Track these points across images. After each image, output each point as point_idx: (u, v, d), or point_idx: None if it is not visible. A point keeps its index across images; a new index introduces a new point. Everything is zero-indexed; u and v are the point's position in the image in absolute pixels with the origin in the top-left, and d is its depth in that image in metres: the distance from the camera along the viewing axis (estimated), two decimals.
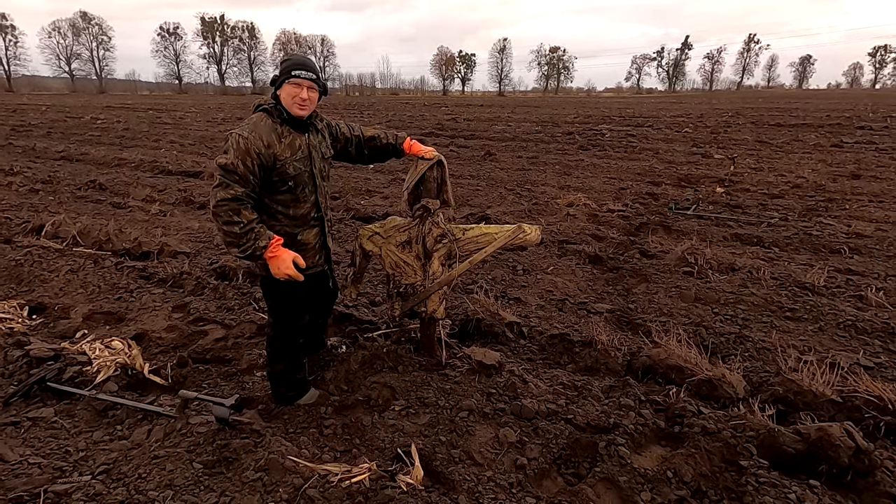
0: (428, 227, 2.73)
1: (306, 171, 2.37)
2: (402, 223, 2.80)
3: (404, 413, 2.56)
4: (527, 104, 39.10)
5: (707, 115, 22.57)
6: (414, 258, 2.78)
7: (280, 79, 2.28)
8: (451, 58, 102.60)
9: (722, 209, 6.88)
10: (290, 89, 2.25)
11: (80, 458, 2.27)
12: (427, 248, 2.74)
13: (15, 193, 7.73)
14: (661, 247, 5.18)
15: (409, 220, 2.77)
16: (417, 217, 2.74)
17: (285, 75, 2.25)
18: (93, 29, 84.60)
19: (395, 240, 2.79)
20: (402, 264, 2.80)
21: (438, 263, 2.75)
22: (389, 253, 2.81)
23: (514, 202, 7.25)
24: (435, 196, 2.74)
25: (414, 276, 2.79)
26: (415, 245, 2.76)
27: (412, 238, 2.76)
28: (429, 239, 2.73)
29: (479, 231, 2.77)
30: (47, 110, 27.74)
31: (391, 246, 2.80)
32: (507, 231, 2.71)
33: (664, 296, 4.02)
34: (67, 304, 3.84)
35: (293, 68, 2.24)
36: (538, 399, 2.57)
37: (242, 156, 2.14)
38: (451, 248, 2.75)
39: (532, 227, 2.72)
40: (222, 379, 2.96)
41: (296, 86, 2.25)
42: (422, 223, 2.73)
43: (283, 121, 2.30)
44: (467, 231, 2.77)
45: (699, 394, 2.67)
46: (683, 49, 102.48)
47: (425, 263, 2.77)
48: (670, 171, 9.71)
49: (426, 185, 2.72)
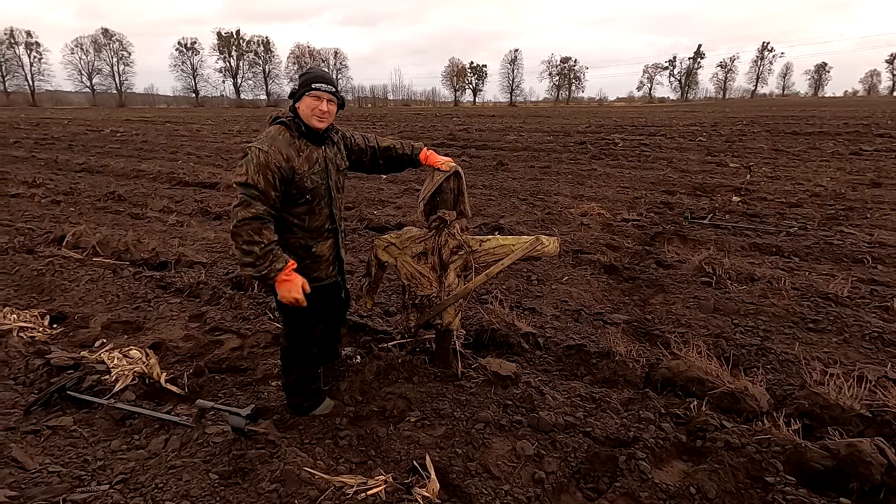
0: (444, 239, 2.71)
1: (323, 184, 2.38)
2: (417, 234, 2.78)
3: (420, 424, 2.54)
4: (538, 114, 39.17)
5: (721, 124, 22.39)
6: (430, 269, 2.77)
7: (300, 91, 2.29)
8: (462, 69, 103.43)
9: (739, 218, 6.79)
10: (309, 101, 2.27)
11: (98, 467, 2.28)
12: (443, 259, 2.72)
13: (37, 205, 7.91)
14: (677, 256, 5.12)
15: (425, 231, 2.76)
16: (433, 228, 2.72)
17: (305, 88, 2.27)
18: (113, 45, 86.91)
19: (411, 251, 2.77)
20: (417, 275, 2.79)
21: (454, 275, 2.74)
22: (405, 264, 2.80)
23: (528, 212, 7.23)
24: (451, 207, 2.72)
25: (430, 287, 2.77)
26: (431, 256, 2.75)
27: (428, 249, 2.75)
28: (445, 250, 2.72)
29: (496, 242, 2.74)
30: (69, 124, 28.43)
31: (407, 257, 2.79)
32: (525, 242, 2.69)
33: (682, 306, 3.96)
34: (87, 313, 3.90)
35: (313, 81, 2.26)
36: (555, 411, 2.53)
37: (263, 170, 2.14)
38: (468, 260, 2.73)
39: (550, 239, 2.69)
40: (238, 389, 2.96)
41: (315, 98, 2.27)
42: (438, 234, 2.72)
43: (300, 134, 2.31)
44: (484, 242, 2.75)
45: (721, 407, 2.61)
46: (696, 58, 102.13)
47: (441, 275, 2.75)
48: (685, 179, 9.62)
49: (442, 195, 2.70)
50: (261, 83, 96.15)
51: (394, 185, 9.40)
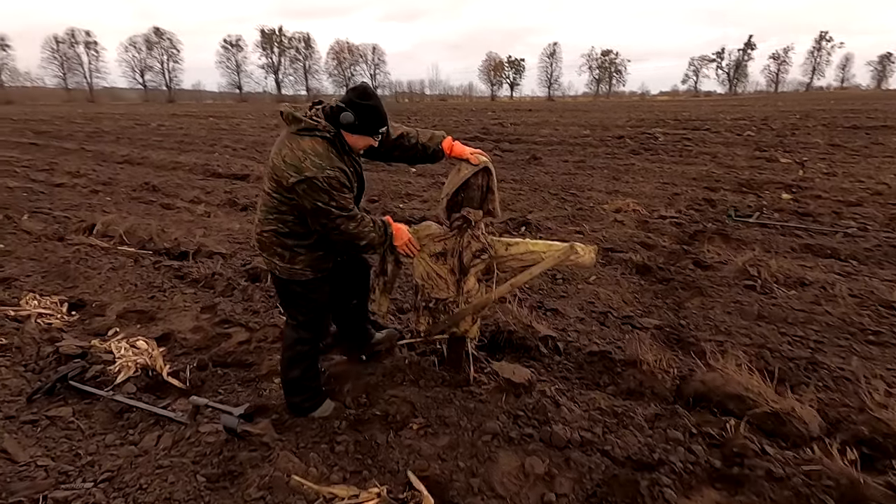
0: (466, 240, 2.46)
1: (357, 193, 2.37)
2: (437, 232, 2.50)
3: (422, 433, 2.35)
4: (576, 108, 38.20)
5: (772, 118, 21.13)
6: (448, 272, 2.52)
7: (361, 129, 2.16)
8: (499, 63, 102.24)
9: (789, 217, 6.26)
10: (366, 141, 2.22)
11: (87, 462, 2.21)
12: (464, 263, 2.48)
13: (78, 194, 8.18)
14: (718, 257, 4.73)
15: (446, 230, 2.49)
16: (456, 228, 2.45)
17: (370, 131, 2.18)
18: (164, 43, 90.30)
19: (429, 249, 2.51)
20: (434, 276, 2.55)
21: (475, 281, 2.50)
22: (421, 262, 2.55)
23: (558, 207, 6.92)
24: (478, 206, 2.43)
25: (447, 291, 2.54)
26: (450, 258, 2.49)
27: (448, 250, 2.48)
28: (466, 253, 2.46)
29: (525, 248, 2.46)
30: (120, 118, 29.71)
31: (424, 255, 2.54)
32: (557, 251, 2.40)
33: (721, 312, 3.61)
34: (105, 301, 3.91)
35: (380, 126, 2.20)
36: (571, 425, 2.29)
37: (339, 186, 2.13)
38: (491, 265, 2.49)
39: (587, 248, 2.39)
40: (240, 384, 2.86)
41: (375, 139, 2.24)
42: (460, 235, 2.46)
43: (343, 151, 2.23)
44: (511, 246, 2.47)
45: (763, 429, 2.30)
46: (746, 49, 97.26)
47: (460, 279, 2.51)
48: (730, 175, 9.03)
49: (468, 192, 2.40)
50: (301, 79, 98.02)
51: (421, 179, 9.24)
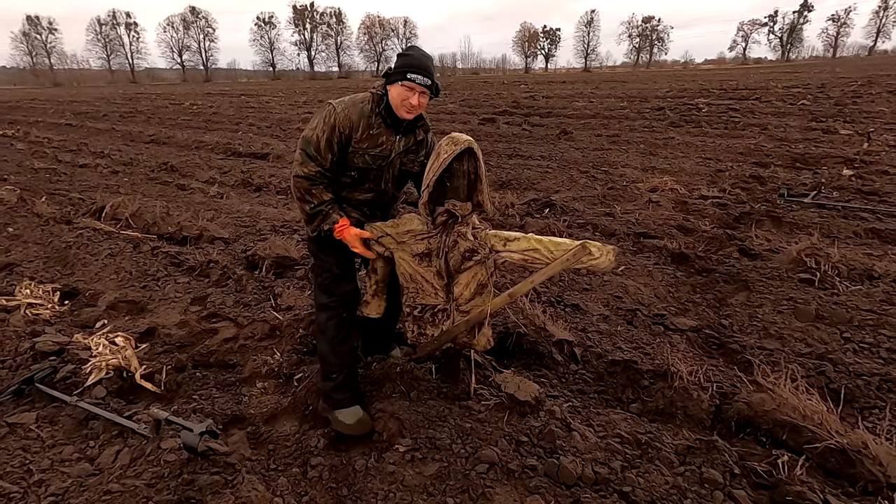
0: (453, 239, 2.09)
1: (374, 170, 2.11)
2: (419, 228, 2.14)
3: (409, 457, 2.03)
4: (614, 79, 36.39)
5: (830, 85, 19.39)
6: (434, 275, 2.17)
7: (393, 76, 2.00)
8: (534, 34, 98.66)
9: (851, 196, 5.54)
10: (401, 91, 1.99)
11: (36, 481, 1.99)
12: (451, 266, 2.13)
13: (98, 175, 8.17)
14: (768, 244, 4.16)
15: (429, 225, 2.13)
16: (440, 225, 2.10)
17: (399, 75, 1.98)
18: (200, 22, 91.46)
19: (411, 248, 2.16)
20: (418, 279, 2.21)
21: (466, 286, 2.13)
22: (402, 261, 2.20)
23: (587, 186, 6.39)
24: (464, 198, 2.08)
25: (434, 296, 2.19)
26: (435, 259, 2.14)
27: (432, 250, 2.13)
28: (454, 254, 2.10)
29: (527, 244, 2.05)
30: (157, 98, 30.22)
31: (405, 253, 2.18)
32: (568, 250, 2.00)
33: (772, 311, 3.11)
34: (98, 290, 3.74)
35: (409, 70, 1.97)
36: (584, 457, 1.91)
37: (329, 130, 2.02)
38: (487, 266, 2.12)
39: (603, 249, 1.99)
40: (218, 389, 2.60)
41: (408, 89, 1.98)
42: (445, 233, 2.10)
43: (380, 112, 2.06)
44: (511, 242, 2.07)
45: (825, 469, 1.87)
46: (802, 11, 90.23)
47: (448, 283, 2.16)
48: (782, 149, 8.19)
49: (453, 181, 2.06)
50: (333, 55, 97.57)
51: None
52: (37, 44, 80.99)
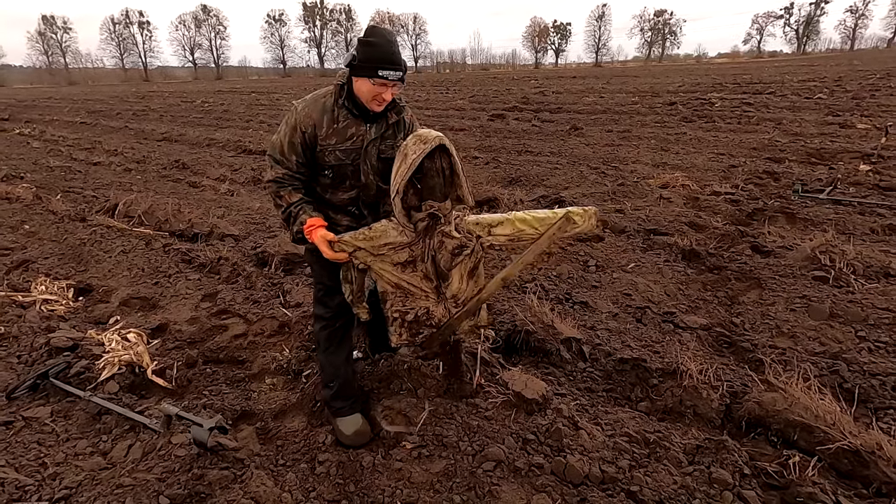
0: (438, 241, 1.98)
1: (350, 165, 2.00)
2: (398, 240, 1.96)
3: (416, 454, 2.04)
4: (625, 74, 36.02)
5: (847, 78, 19.00)
6: (421, 279, 2.05)
7: (361, 70, 1.85)
8: (544, 28, 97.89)
9: (868, 192, 5.43)
10: (371, 88, 1.86)
11: (50, 474, 2.02)
12: (440, 267, 2.03)
13: (112, 172, 8.27)
14: (781, 241, 4.10)
15: (409, 233, 1.96)
16: (421, 231, 1.96)
17: (368, 71, 1.83)
18: (211, 20, 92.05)
19: (391, 259, 2.01)
20: (403, 286, 2.06)
21: (460, 279, 2.07)
22: (383, 272, 2.03)
23: (596, 182, 6.34)
24: (441, 196, 1.93)
25: (425, 298, 2.09)
26: (421, 263, 2.02)
27: (416, 257, 2.00)
28: (442, 254, 2.00)
29: (512, 227, 2.00)
30: (169, 96, 30.49)
31: (385, 264, 2.02)
32: (552, 223, 1.95)
33: (784, 309, 3.06)
34: (112, 286, 3.79)
35: (380, 66, 1.82)
36: (590, 456, 1.90)
37: (290, 131, 1.97)
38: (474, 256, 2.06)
39: (585, 213, 1.96)
40: (228, 385, 2.63)
41: (380, 85, 1.85)
42: (427, 236, 1.97)
43: (343, 105, 1.95)
44: (495, 227, 2.01)
45: (838, 470, 1.84)
46: (819, 3, 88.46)
47: (440, 284, 2.07)
48: (796, 144, 8.05)
49: (427, 181, 1.89)
50: (343, 52, 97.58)
51: None
52: (52, 43, 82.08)
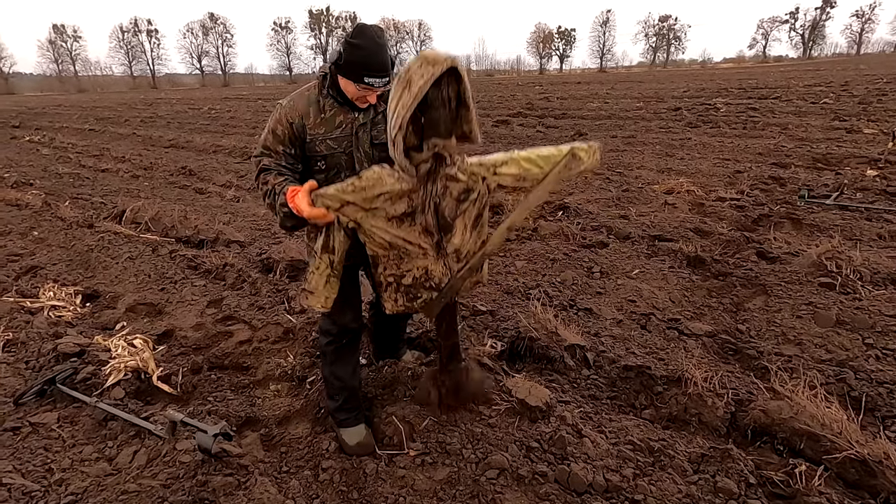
0: (442, 186, 1.73)
1: (342, 154, 1.94)
2: (394, 188, 1.70)
3: (419, 461, 2.03)
4: (630, 79, 36.04)
5: (854, 83, 18.93)
6: (419, 234, 1.79)
7: (347, 75, 1.81)
8: (548, 34, 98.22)
9: (875, 197, 5.40)
10: (356, 91, 1.83)
11: (56, 480, 2.04)
12: (445, 216, 1.77)
13: (120, 179, 8.35)
14: (787, 247, 4.08)
15: (409, 180, 1.71)
16: (423, 175, 1.71)
17: (354, 76, 1.78)
18: (218, 28, 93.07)
19: (387, 212, 1.75)
20: (401, 244, 1.81)
21: (464, 229, 1.81)
22: (376, 231, 1.78)
23: (601, 188, 6.33)
24: (447, 133, 1.66)
25: (423, 257, 1.83)
26: (421, 215, 1.76)
27: (416, 207, 1.75)
28: (447, 202, 1.74)
29: (518, 166, 1.79)
30: (176, 103, 30.77)
31: (378, 220, 1.76)
32: (557, 161, 1.80)
33: (790, 316, 3.05)
34: (118, 292, 3.83)
35: (367, 73, 1.77)
36: (595, 464, 1.90)
37: (275, 124, 1.93)
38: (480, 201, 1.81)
39: (589, 150, 1.87)
40: (233, 391, 2.64)
41: (365, 90, 1.81)
42: (430, 180, 1.71)
43: (328, 94, 1.91)
44: (499, 167, 1.79)
45: (845, 480, 1.82)
46: (824, 7, 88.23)
47: (441, 238, 1.82)
48: (802, 149, 8.02)
49: (430, 114, 1.63)
50: None
51: None
52: (62, 51, 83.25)
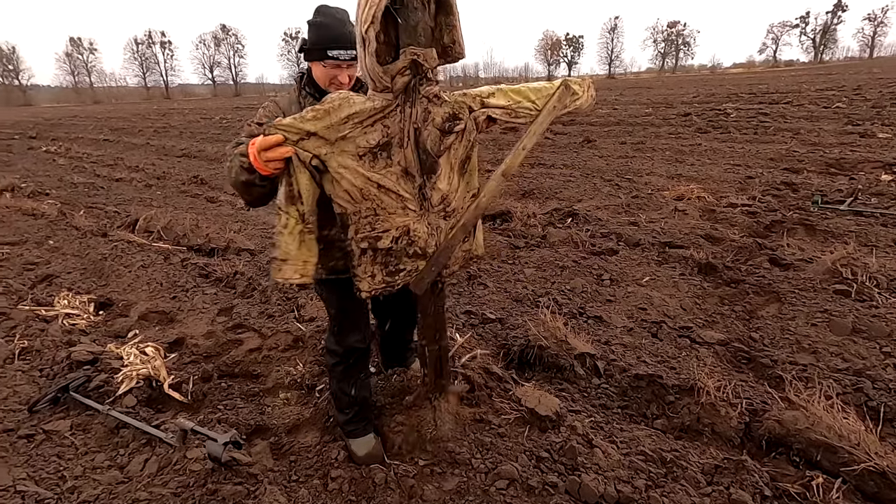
0: (423, 109, 1.48)
1: None
2: (365, 107, 1.43)
3: (428, 471, 2.02)
4: (638, 85, 35.95)
5: (867, 87, 18.70)
6: (398, 178, 1.51)
7: (312, 55, 1.80)
8: (556, 41, 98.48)
9: (891, 203, 5.31)
10: (325, 71, 1.80)
11: (69, 487, 2.06)
12: (428, 150, 1.51)
13: (133, 188, 8.48)
14: (800, 254, 4.02)
15: (383, 98, 1.45)
16: (400, 90, 1.44)
17: (318, 53, 1.77)
18: (230, 39, 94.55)
19: (356, 143, 1.45)
20: (372, 193, 1.50)
21: (450, 172, 1.57)
22: (344, 172, 1.46)
23: (610, 195, 6.31)
24: (427, 42, 1.44)
25: (403, 212, 1.54)
26: (398, 150, 1.48)
27: (392, 135, 1.46)
28: (429, 130, 1.49)
29: (507, 97, 1.65)
30: (189, 113, 31.23)
31: (346, 158, 1.45)
32: (551, 95, 1.70)
33: (805, 324, 3.00)
34: (131, 300, 3.87)
35: (328, 47, 1.74)
36: (606, 475, 1.87)
37: (259, 118, 1.89)
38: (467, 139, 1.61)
39: (583, 84, 1.81)
40: (243, 399, 2.65)
41: (333, 67, 1.78)
42: (409, 100, 1.45)
43: (307, 92, 1.88)
44: (489, 97, 1.64)
45: (863, 492, 1.78)
46: (836, 11, 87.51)
47: (424, 184, 1.54)
48: (815, 154, 7.93)
49: (406, 15, 1.40)
50: None
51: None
52: (78, 63, 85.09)
